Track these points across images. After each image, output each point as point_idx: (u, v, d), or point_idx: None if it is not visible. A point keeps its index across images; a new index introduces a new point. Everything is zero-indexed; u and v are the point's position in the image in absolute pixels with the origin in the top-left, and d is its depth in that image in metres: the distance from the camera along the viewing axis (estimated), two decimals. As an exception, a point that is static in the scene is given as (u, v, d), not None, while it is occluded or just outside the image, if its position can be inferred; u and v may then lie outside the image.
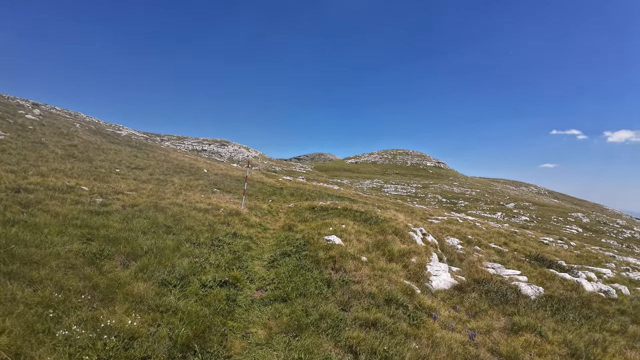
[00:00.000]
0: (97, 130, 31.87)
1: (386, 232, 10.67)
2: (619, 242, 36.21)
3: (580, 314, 8.30)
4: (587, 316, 8.27)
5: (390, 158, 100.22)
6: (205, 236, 7.82)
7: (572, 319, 7.95)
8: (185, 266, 5.81)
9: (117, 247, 6.14)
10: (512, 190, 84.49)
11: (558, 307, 8.50)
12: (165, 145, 46.85)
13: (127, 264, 5.63)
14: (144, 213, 8.89)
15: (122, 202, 10.19)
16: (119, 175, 15.65)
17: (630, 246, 34.59)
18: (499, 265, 11.40)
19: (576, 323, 7.75)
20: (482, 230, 20.74)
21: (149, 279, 5.24)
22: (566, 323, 7.70)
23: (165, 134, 66.90)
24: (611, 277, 13.31)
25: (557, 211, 52.62)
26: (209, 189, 16.95)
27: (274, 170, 51.70)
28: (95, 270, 5.24)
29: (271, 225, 11.52)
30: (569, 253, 18.88)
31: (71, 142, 21.69)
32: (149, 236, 6.96)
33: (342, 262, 7.27)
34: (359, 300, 5.83)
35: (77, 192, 10.49)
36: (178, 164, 24.98)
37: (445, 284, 8.39)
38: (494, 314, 7.44)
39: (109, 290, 4.76)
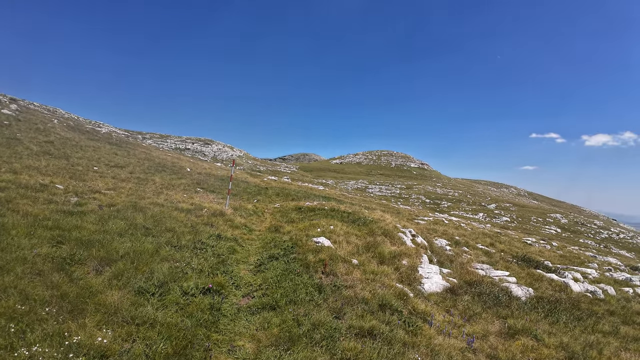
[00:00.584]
0: (76, 127, 30.75)
1: (375, 233, 10.39)
2: (597, 242, 36.94)
3: (571, 315, 8.22)
4: (578, 317, 8.18)
5: (375, 159, 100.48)
6: (187, 238, 7.32)
7: (564, 320, 7.86)
8: (165, 272, 5.31)
9: (90, 251, 5.61)
10: (493, 191, 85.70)
11: (550, 308, 8.40)
12: (147, 143, 45.67)
13: (100, 269, 5.13)
14: (121, 213, 8.37)
15: (99, 201, 9.63)
16: (96, 173, 14.97)
17: (607, 246, 35.29)
18: (487, 267, 11.27)
19: (569, 325, 7.66)
20: (468, 231, 20.73)
21: (124, 286, 4.74)
22: (559, 325, 7.59)
23: (147, 132, 65.32)
24: (596, 278, 13.38)
25: (537, 212, 53.47)
26: (192, 189, 16.39)
27: (259, 170, 51.06)
28: (65, 277, 4.75)
29: (257, 226, 11.10)
30: (552, 253, 19.02)
31: (47, 138, 20.79)
32: (125, 239, 6.43)
33: (333, 266, 6.92)
34: (353, 306, 5.49)
35: (51, 191, 9.90)
36: (160, 162, 24.22)
37: (438, 286, 8.16)
38: (488, 317, 7.25)
39: (79, 300, 4.29)
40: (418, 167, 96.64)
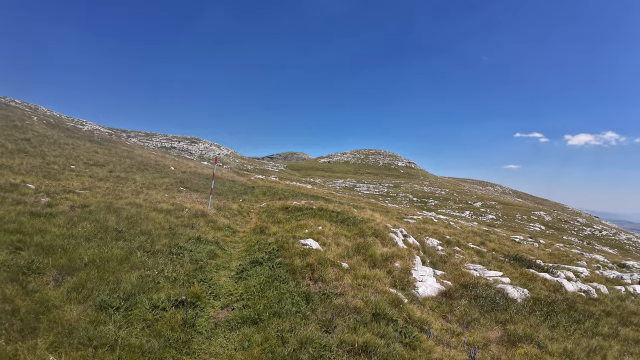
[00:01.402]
0: (56, 124, 29.64)
1: (366, 234, 9.94)
2: (580, 239, 37.32)
3: (570, 317, 7.92)
4: (577, 320, 7.88)
5: (363, 158, 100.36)
6: (163, 242, 6.70)
7: (564, 324, 7.54)
8: (133, 282, 4.71)
9: (51, 258, 4.98)
10: (479, 189, 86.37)
11: (547, 311, 8.08)
12: (131, 141, 44.49)
13: (60, 280, 4.51)
14: (93, 215, 7.73)
15: (72, 202, 8.98)
16: (73, 172, 14.23)
17: (590, 243, 35.66)
18: (481, 267, 10.96)
19: (569, 329, 7.33)
20: (458, 229, 20.50)
21: (84, 300, 4.14)
22: (559, 329, 7.26)
23: (132, 130, 63.79)
24: (588, 276, 13.25)
25: (521, 210, 53.91)
26: (175, 188, 15.73)
27: (246, 169, 50.30)
28: (20, 289, 4.15)
29: (241, 227, 10.53)
30: (541, 251, 18.92)
31: (24, 135, 19.88)
32: (93, 244, 5.80)
33: (322, 271, 6.41)
34: (344, 317, 4.98)
35: (21, 191, 9.24)
36: (142, 160, 23.39)
37: (432, 290, 7.74)
38: (487, 322, 6.86)
39: (32, 317, 3.71)
40: (405, 165, 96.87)
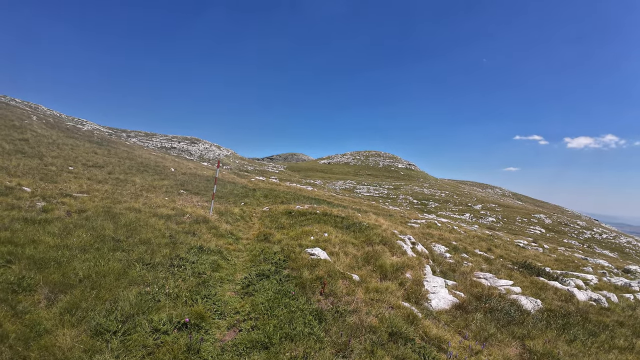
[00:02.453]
0: (56, 124, 29.24)
1: (373, 241, 9.58)
2: (580, 242, 37.09)
3: (585, 330, 7.63)
4: (592, 332, 7.58)
5: (363, 159, 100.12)
6: (164, 253, 6.31)
7: (581, 338, 7.22)
8: (132, 301, 4.32)
9: (44, 273, 4.60)
10: (478, 192, 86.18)
11: (563, 324, 7.77)
12: (131, 141, 44.11)
13: (53, 299, 4.13)
14: (90, 222, 7.36)
15: (68, 207, 8.62)
16: (71, 174, 13.84)
17: (591, 246, 35.43)
18: (490, 275, 10.64)
19: (587, 343, 7.02)
20: (462, 234, 20.18)
21: (79, 323, 3.75)
22: (577, 343, 6.94)
23: (132, 130, 63.45)
24: (597, 284, 12.99)
25: (521, 212, 53.68)
26: (175, 191, 15.34)
27: (246, 170, 49.94)
28: (8, 309, 3.78)
29: (244, 233, 10.15)
30: (547, 257, 18.62)
31: (23, 135, 19.48)
32: (89, 255, 5.42)
33: (332, 284, 6.05)
34: (359, 338, 4.61)
35: (16, 195, 8.88)
36: (142, 161, 23.00)
37: (445, 302, 7.39)
38: (504, 338, 6.51)
39: (22, 343, 3.34)
40: (405, 167, 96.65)
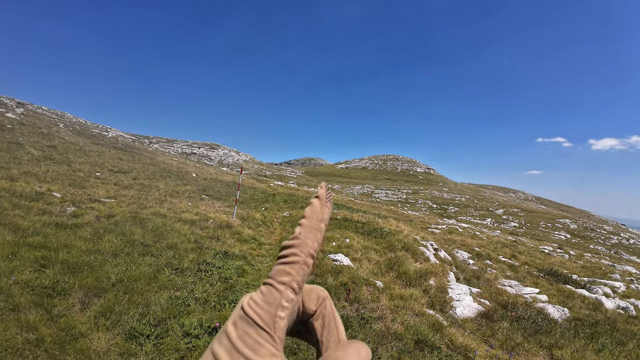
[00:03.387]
0: (82, 131, 30.18)
1: (395, 247, 9.53)
2: (607, 248, 35.92)
3: (613, 339, 7.39)
4: (620, 341, 7.33)
5: (381, 164, 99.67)
6: (191, 258, 6.44)
7: (609, 347, 7.01)
8: (163, 305, 4.41)
9: (77, 277, 4.76)
10: (500, 196, 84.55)
11: (591, 333, 7.55)
12: (153, 147, 45.12)
13: (87, 302, 4.26)
14: (119, 227, 7.57)
15: (97, 211, 8.88)
16: (98, 179, 14.25)
17: (618, 252, 34.25)
18: (516, 283, 10.44)
19: (614, 352, 6.81)
20: (485, 240, 19.84)
21: (113, 326, 3.85)
22: (605, 353, 6.72)
23: (154, 136, 65.00)
24: (625, 292, 12.60)
25: (545, 217, 52.39)
26: (197, 196, 15.61)
27: (265, 175, 50.36)
28: (44, 313, 3.92)
29: (266, 238, 10.25)
30: (573, 264, 18.12)
31: (51, 142, 20.16)
32: (120, 260, 5.58)
33: (357, 291, 6.04)
34: (386, 346, 4.59)
35: (46, 200, 9.18)
36: (165, 167, 23.51)
37: (470, 310, 7.28)
38: (532, 348, 6.36)
39: (58, 347, 3.45)
40: (424, 171, 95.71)
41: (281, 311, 0.38)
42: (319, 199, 0.47)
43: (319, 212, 0.46)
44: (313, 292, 0.47)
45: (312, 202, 0.47)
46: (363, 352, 0.37)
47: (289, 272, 0.40)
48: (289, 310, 0.39)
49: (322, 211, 0.46)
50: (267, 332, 0.35)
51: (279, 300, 0.39)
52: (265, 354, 0.35)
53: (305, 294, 0.46)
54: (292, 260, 0.41)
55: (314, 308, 0.46)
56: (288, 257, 0.42)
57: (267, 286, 0.41)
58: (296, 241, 0.42)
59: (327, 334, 0.44)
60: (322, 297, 0.47)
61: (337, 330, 0.45)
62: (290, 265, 0.40)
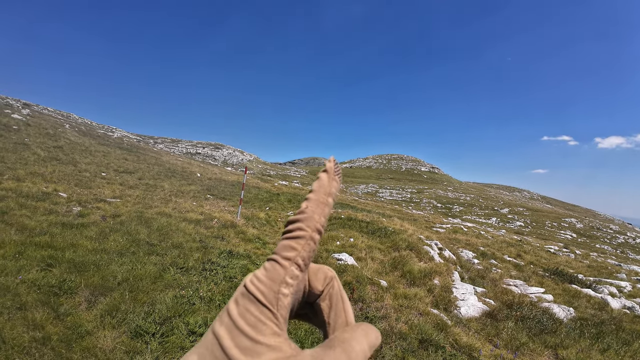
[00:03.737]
0: (87, 132, 30.37)
1: (399, 246, 9.52)
2: (613, 248, 35.63)
3: (619, 339, 7.36)
4: (625, 341, 7.30)
5: (385, 163, 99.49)
6: (196, 257, 6.48)
7: (615, 347, 6.98)
8: (168, 303, 4.43)
9: (84, 276, 4.81)
10: (505, 195, 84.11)
11: (596, 333, 7.52)
12: (158, 147, 45.36)
13: (93, 301, 4.30)
14: (125, 226, 7.62)
15: (103, 211, 8.94)
16: (104, 180, 14.34)
17: (624, 251, 33.98)
18: (521, 282, 10.38)
19: (620, 352, 6.78)
20: (490, 239, 19.74)
21: (119, 324, 3.89)
22: (610, 353, 6.70)
23: (159, 137, 65.35)
24: (631, 292, 12.49)
25: (551, 216, 52.05)
26: (202, 195, 15.68)
27: (269, 175, 50.44)
28: (51, 312, 3.97)
29: (270, 238, 10.27)
30: (579, 263, 17.99)
31: (57, 143, 20.31)
32: (126, 259, 5.62)
33: (361, 290, 6.05)
34: (390, 344, 4.61)
35: (52, 200, 9.25)
36: (170, 167, 23.62)
37: (475, 310, 7.26)
38: (537, 348, 6.34)
39: (64, 346, 3.49)
40: (429, 170, 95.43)
41: (285, 288, 0.37)
42: (326, 173, 0.46)
43: (327, 186, 0.44)
44: (320, 272, 0.45)
45: (319, 175, 0.46)
46: (372, 335, 0.36)
47: (294, 247, 0.39)
48: (293, 287, 0.39)
49: (330, 185, 0.45)
50: (269, 310, 0.34)
51: (282, 277, 0.38)
52: (266, 332, 0.34)
53: (312, 273, 0.45)
54: (298, 235, 0.40)
55: (320, 288, 0.44)
56: (293, 231, 0.41)
57: (271, 262, 0.40)
58: (302, 215, 0.41)
59: (335, 315, 0.43)
60: (329, 277, 0.45)
61: (344, 313, 0.44)
62: (296, 240, 0.39)
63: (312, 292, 0.49)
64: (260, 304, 0.36)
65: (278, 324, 0.35)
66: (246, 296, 0.36)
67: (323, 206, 0.45)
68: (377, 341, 0.40)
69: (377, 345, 0.37)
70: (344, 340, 0.36)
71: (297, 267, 0.41)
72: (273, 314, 0.37)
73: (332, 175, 0.48)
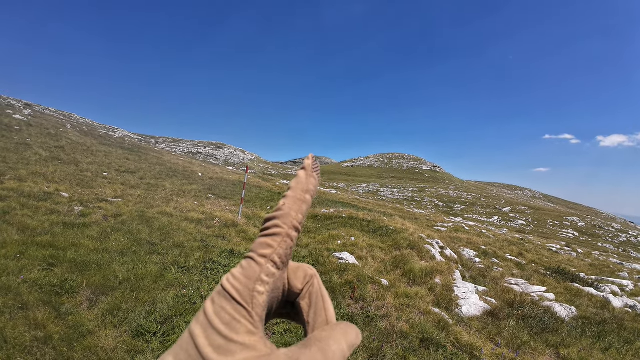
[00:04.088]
0: (89, 132, 30.40)
1: (401, 245, 9.52)
2: (616, 246, 35.52)
3: (620, 337, 7.36)
4: (627, 340, 7.31)
5: (386, 162, 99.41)
6: (197, 256, 6.50)
7: (617, 346, 6.98)
8: (169, 303, 4.45)
9: (85, 275, 4.83)
10: (507, 194, 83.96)
11: (598, 332, 7.52)
12: (160, 147, 45.42)
13: (94, 300, 4.32)
14: (126, 226, 7.64)
15: (104, 211, 8.95)
16: (106, 179, 14.35)
17: (626, 250, 33.88)
18: (522, 281, 10.36)
19: (622, 350, 6.78)
20: (491, 238, 19.71)
21: (120, 324, 3.91)
22: (612, 351, 6.71)
23: (160, 136, 65.49)
24: (633, 290, 12.48)
25: (553, 215, 51.92)
26: (203, 195, 15.69)
27: (270, 174, 50.47)
28: (52, 311, 3.98)
29: (272, 237, 10.29)
30: (581, 262, 17.97)
31: (58, 143, 20.32)
32: (127, 259, 5.64)
33: (362, 289, 6.05)
34: (391, 343, 4.60)
35: (54, 200, 9.27)
36: (171, 167, 23.63)
37: (477, 309, 7.26)
38: (538, 346, 6.34)
39: (65, 344, 3.51)
40: (430, 169, 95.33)
41: (260, 285, 0.36)
42: (304, 170, 0.45)
43: (304, 183, 0.44)
44: (300, 270, 0.44)
45: (297, 173, 0.45)
46: (352, 334, 0.35)
47: (270, 244, 0.38)
48: (269, 285, 0.37)
49: (307, 182, 0.44)
50: (244, 308, 0.33)
51: (258, 274, 0.37)
52: (241, 330, 0.34)
53: (292, 272, 0.44)
54: (274, 232, 0.39)
55: (300, 286, 0.43)
56: (270, 229, 0.40)
57: (247, 260, 0.39)
58: (279, 212, 0.40)
59: (314, 314, 0.41)
60: (309, 275, 0.44)
61: (325, 311, 0.43)
62: (272, 237, 0.38)
63: (292, 290, 0.48)
64: (235, 302, 0.35)
65: (253, 323, 0.35)
66: (222, 294, 0.36)
67: (300, 203, 0.45)
68: (357, 340, 0.39)
69: (357, 345, 0.36)
70: (321, 339, 0.36)
71: (274, 264, 0.40)
72: (248, 312, 0.36)
73: (310, 172, 0.48)
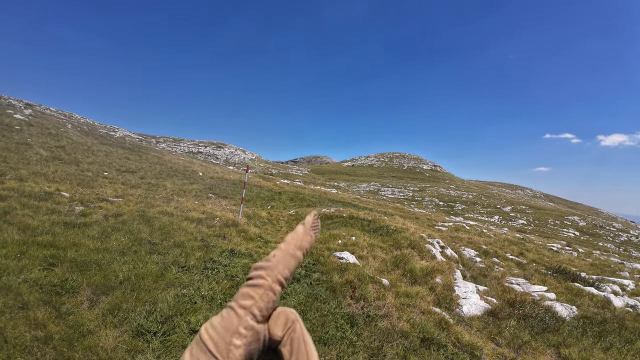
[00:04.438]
0: (90, 132, 30.42)
1: (401, 245, 9.51)
2: (617, 246, 35.49)
3: (621, 337, 7.34)
4: (628, 340, 7.29)
5: (387, 161, 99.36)
6: (197, 256, 6.51)
7: (617, 345, 6.97)
8: (170, 302, 4.45)
9: (86, 275, 4.83)
10: (508, 193, 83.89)
11: (599, 331, 7.51)
12: (160, 147, 45.43)
13: (95, 300, 4.32)
14: (127, 225, 7.64)
15: (105, 211, 8.95)
16: (106, 179, 14.36)
17: (627, 249, 33.84)
18: (523, 281, 10.35)
19: (622, 350, 6.77)
20: (492, 237, 19.69)
21: (120, 323, 3.91)
22: (613, 351, 6.70)
23: (161, 136, 65.49)
24: (634, 290, 12.45)
25: (554, 214, 51.85)
26: (204, 194, 15.70)
27: (271, 173, 50.48)
28: (53, 311, 3.98)
29: (272, 237, 10.29)
30: (582, 261, 17.95)
31: (59, 143, 20.33)
32: (127, 258, 5.64)
33: (362, 289, 6.05)
34: (391, 343, 4.61)
35: (55, 200, 9.27)
36: (172, 166, 23.65)
37: (477, 308, 7.25)
38: (539, 346, 6.34)
39: (66, 344, 3.51)
40: (431, 169, 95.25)
41: (237, 339, 0.36)
42: (303, 226, 0.45)
43: (300, 240, 0.44)
44: (281, 316, 0.44)
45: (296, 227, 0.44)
46: None
47: (252, 296, 0.38)
48: (247, 338, 0.37)
49: (303, 239, 0.44)
50: None
51: (236, 327, 0.37)
52: None
53: (272, 319, 0.43)
54: (257, 284, 0.39)
55: (280, 334, 0.43)
56: (254, 279, 0.39)
57: (228, 309, 0.38)
58: (267, 263, 0.40)
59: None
60: (290, 320, 0.44)
61: (307, 355, 0.42)
62: (254, 288, 0.38)
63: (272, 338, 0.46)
64: (211, 354, 0.34)
65: None
66: (199, 345, 0.35)
67: (290, 258, 0.44)
68: None
69: None
70: None
71: (253, 317, 0.39)
72: None
73: (309, 229, 0.47)
